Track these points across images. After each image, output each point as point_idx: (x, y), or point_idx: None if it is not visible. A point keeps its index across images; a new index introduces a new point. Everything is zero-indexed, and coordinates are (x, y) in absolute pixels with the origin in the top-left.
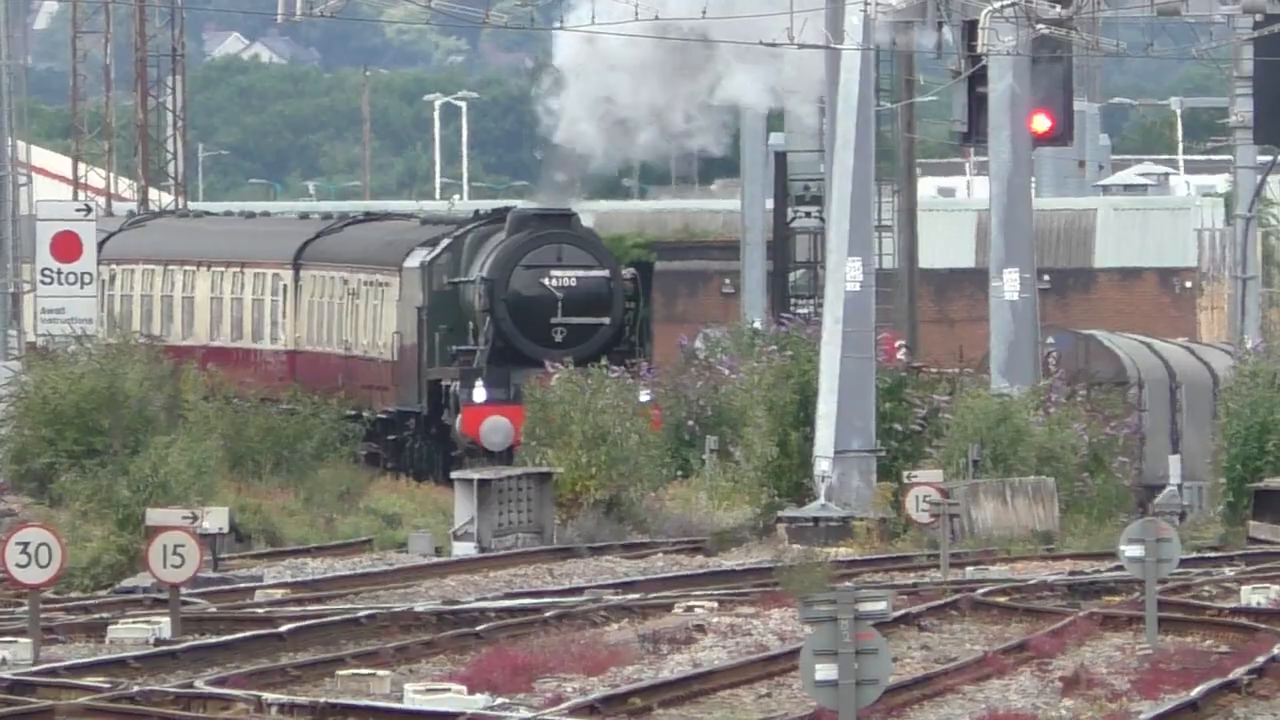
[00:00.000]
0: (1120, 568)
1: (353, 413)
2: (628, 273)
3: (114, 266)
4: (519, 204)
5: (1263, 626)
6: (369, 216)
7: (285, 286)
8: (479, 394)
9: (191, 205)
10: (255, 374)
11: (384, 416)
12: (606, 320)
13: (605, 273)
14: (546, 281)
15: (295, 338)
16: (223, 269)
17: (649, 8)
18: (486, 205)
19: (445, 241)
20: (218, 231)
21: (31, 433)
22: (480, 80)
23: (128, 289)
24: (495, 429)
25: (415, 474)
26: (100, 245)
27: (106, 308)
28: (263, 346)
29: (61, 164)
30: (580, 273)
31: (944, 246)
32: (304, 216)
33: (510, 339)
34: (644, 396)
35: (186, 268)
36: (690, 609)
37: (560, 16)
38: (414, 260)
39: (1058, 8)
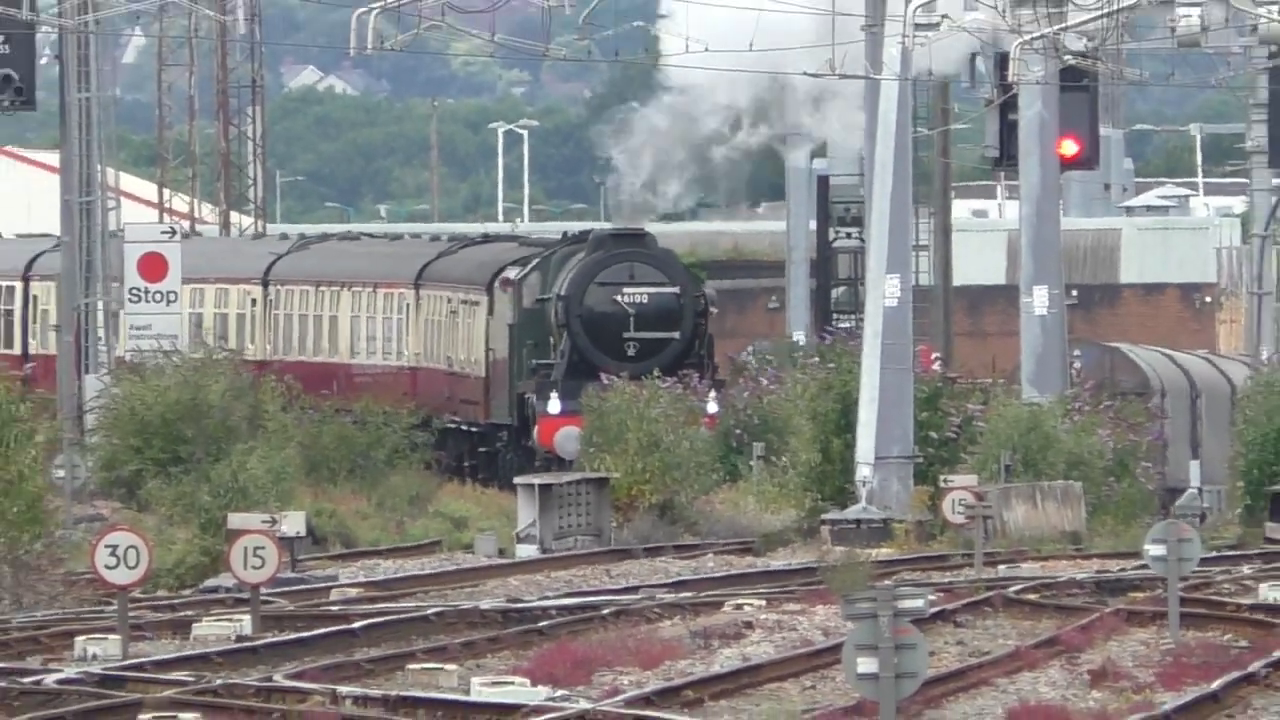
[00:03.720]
0: (1144, 566)
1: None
2: (705, 291)
3: (279, 287)
4: (599, 225)
5: (1279, 622)
6: (485, 239)
7: (408, 305)
8: (553, 405)
9: (270, 229)
10: (382, 390)
11: (476, 430)
12: (676, 335)
13: (676, 289)
14: (619, 298)
15: (415, 354)
16: (360, 289)
17: (699, 40)
18: (553, 228)
19: (534, 261)
20: (363, 253)
21: (120, 442)
22: (541, 109)
23: (289, 308)
24: (569, 438)
25: (504, 485)
26: (269, 267)
27: (271, 326)
28: (390, 363)
29: (148, 189)
30: (651, 289)
31: (977, 264)
32: (435, 239)
33: (585, 353)
34: (711, 408)
35: (333, 288)
36: (739, 606)
37: (615, 49)
38: (505, 279)
39: (1084, 40)
